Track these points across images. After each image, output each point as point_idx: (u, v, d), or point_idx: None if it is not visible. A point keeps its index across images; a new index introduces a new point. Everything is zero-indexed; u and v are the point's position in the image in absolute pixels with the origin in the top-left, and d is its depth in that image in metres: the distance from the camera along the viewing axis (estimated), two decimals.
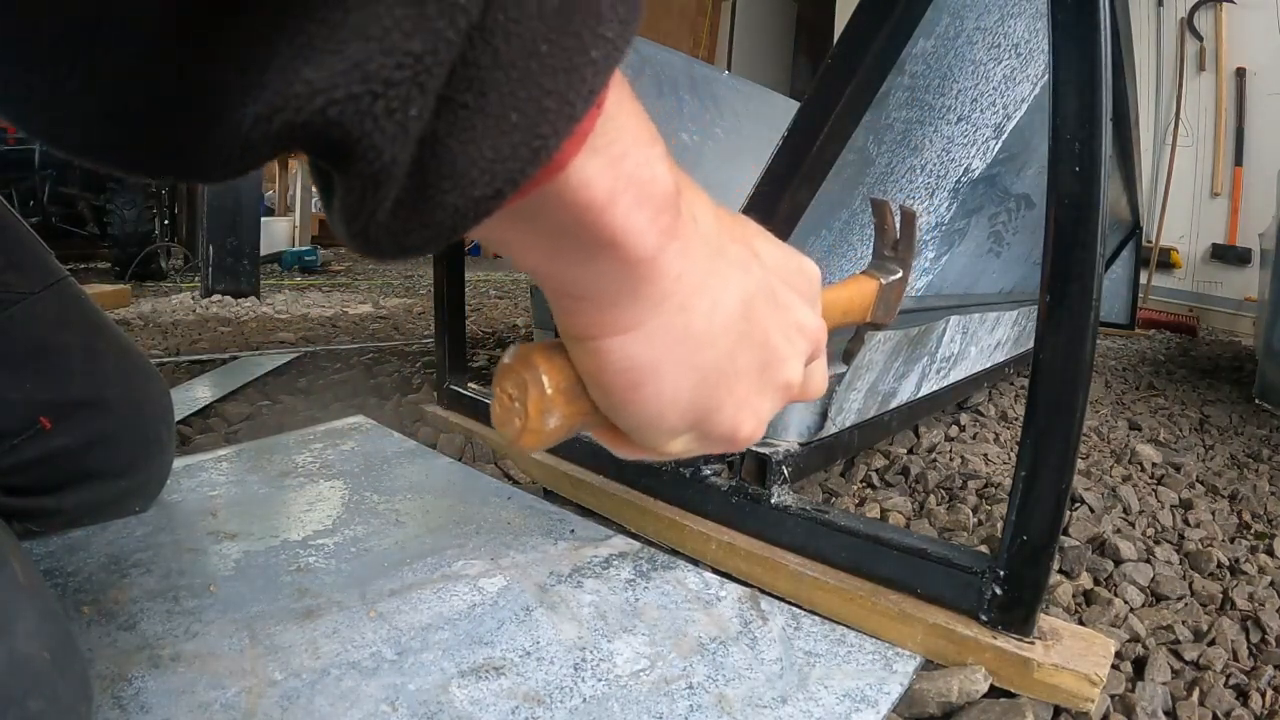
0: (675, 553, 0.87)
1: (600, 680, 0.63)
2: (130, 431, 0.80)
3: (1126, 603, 0.82)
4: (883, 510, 1.02)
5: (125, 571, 0.73)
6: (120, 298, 2.51)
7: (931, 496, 1.09)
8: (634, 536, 0.90)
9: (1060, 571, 0.87)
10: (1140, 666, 0.71)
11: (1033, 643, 0.65)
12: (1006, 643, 0.66)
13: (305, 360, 1.76)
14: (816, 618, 0.75)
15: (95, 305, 0.83)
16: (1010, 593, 0.66)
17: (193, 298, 2.73)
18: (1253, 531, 1.04)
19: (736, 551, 0.83)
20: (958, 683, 0.64)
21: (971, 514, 1.01)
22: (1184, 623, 0.78)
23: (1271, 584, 0.88)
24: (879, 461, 1.22)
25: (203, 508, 0.87)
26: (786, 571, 0.79)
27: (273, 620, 0.67)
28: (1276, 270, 1.85)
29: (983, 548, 0.90)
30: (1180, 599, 0.83)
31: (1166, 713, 0.65)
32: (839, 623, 0.74)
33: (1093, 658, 0.64)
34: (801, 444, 0.89)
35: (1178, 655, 0.73)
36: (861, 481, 1.15)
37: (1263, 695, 0.67)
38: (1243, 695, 0.68)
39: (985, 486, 1.12)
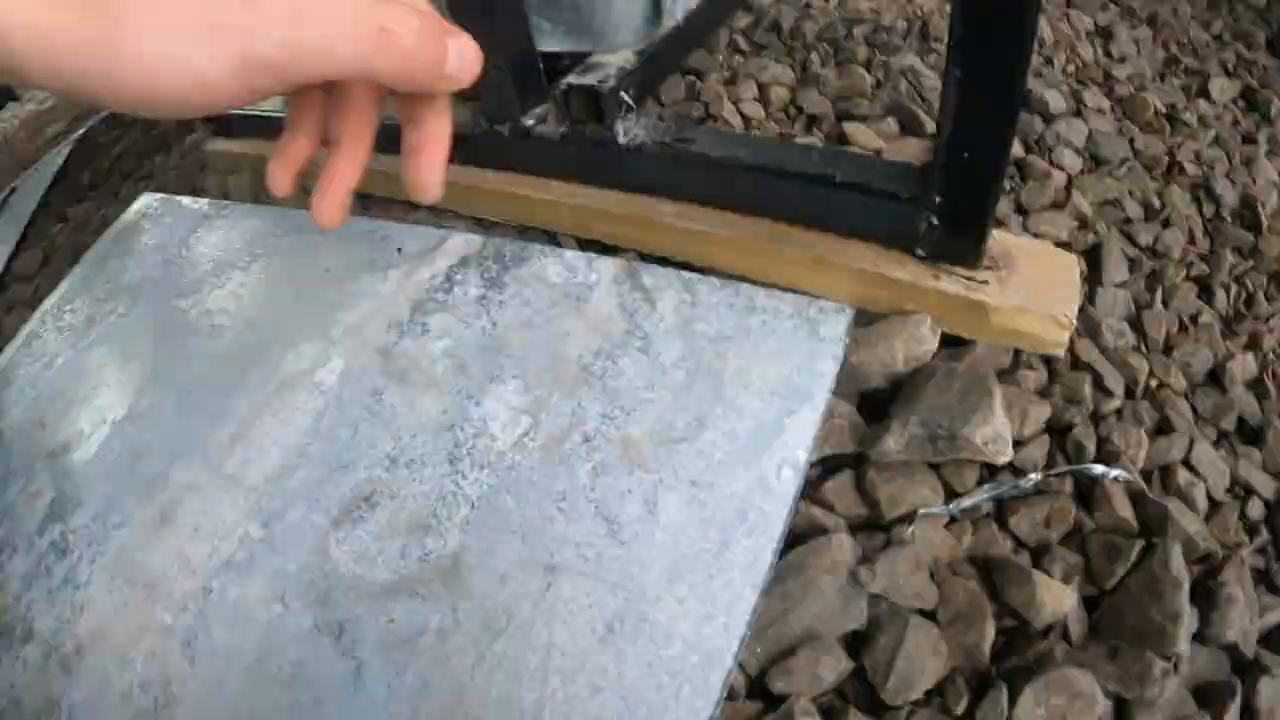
0: (526, 233, 0.70)
1: (482, 468, 0.51)
2: None
3: (1064, 170, 0.71)
4: (759, 85, 0.83)
5: None
6: None
7: (814, 54, 0.89)
8: (472, 227, 0.72)
9: None
10: (1095, 260, 0.61)
11: (985, 281, 0.53)
12: (952, 284, 0.54)
13: (83, 147, 1.35)
14: (714, 282, 0.60)
15: None
16: (950, 224, 0.53)
17: None
18: (1183, 67, 0.92)
19: (594, 213, 0.67)
20: (901, 345, 0.54)
21: (867, 73, 0.83)
22: (1131, 193, 0.68)
23: (1216, 140, 0.77)
24: (743, 20, 0.99)
25: (33, 418, 0.69)
26: (661, 227, 0.63)
27: (137, 546, 0.56)
28: None
29: (912, 160, 0.73)
30: (1123, 163, 0.72)
31: (1131, 323, 0.57)
32: (743, 281, 0.60)
33: (1058, 291, 0.53)
34: (638, 53, 0.67)
35: (1131, 240, 0.63)
36: (728, 48, 0.93)
37: (1227, 290, 0.60)
38: (1206, 291, 0.61)
39: (874, 32, 0.93)
